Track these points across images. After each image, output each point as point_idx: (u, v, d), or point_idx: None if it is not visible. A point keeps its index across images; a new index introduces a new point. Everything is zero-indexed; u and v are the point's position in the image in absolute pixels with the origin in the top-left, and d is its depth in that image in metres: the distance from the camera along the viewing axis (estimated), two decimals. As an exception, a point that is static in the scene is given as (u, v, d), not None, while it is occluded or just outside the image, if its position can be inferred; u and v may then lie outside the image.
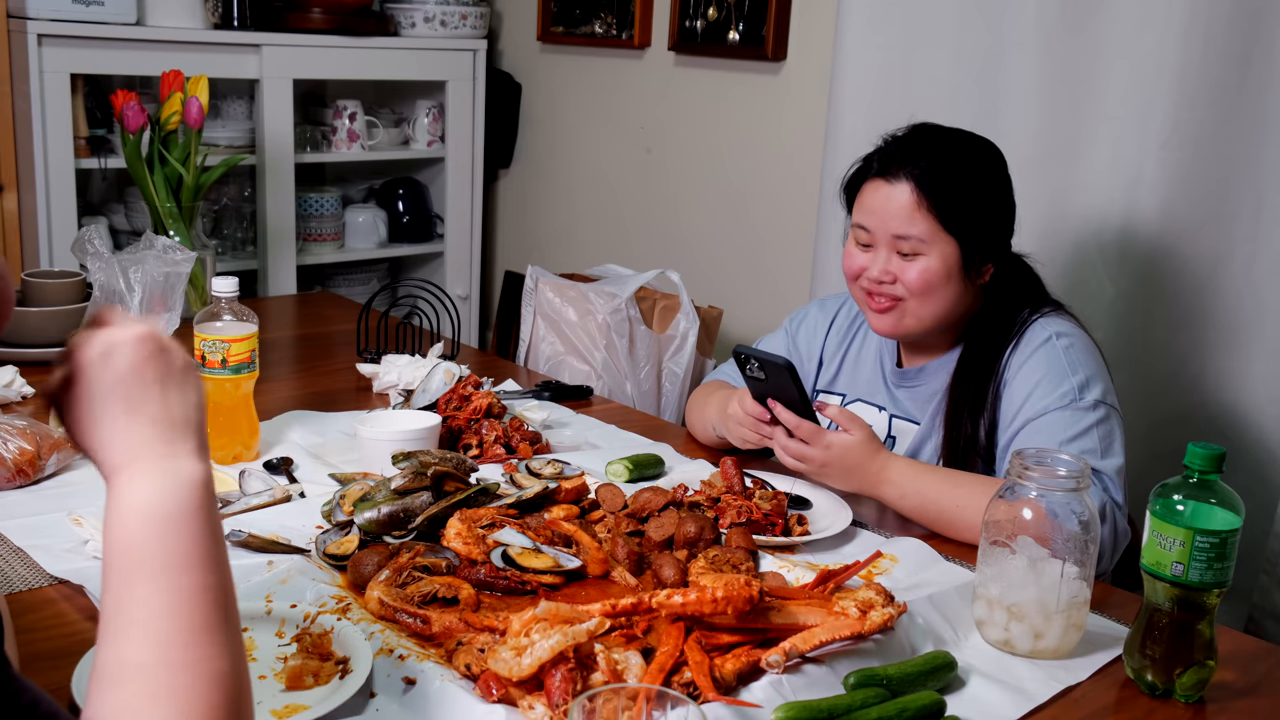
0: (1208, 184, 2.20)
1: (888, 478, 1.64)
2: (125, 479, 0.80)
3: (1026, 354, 1.72)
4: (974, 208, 1.72)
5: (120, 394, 0.81)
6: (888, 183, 1.72)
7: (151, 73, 2.95)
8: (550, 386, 2.21)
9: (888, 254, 1.73)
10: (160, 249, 1.79)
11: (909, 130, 1.78)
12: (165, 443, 0.81)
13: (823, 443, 1.64)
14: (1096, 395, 1.66)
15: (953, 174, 1.71)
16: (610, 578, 1.41)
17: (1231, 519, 1.21)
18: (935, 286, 1.72)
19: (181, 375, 0.85)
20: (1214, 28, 2.13)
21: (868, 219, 1.75)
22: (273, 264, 3.49)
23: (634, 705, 0.98)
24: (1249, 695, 1.28)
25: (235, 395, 1.73)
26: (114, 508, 0.79)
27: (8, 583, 1.36)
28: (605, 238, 3.72)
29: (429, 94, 3.82)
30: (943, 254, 1.71)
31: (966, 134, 1.79)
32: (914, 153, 1.72)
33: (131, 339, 0.83)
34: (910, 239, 1.70)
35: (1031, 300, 1.79)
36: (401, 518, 1.47)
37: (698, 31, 3.26)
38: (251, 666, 1.19)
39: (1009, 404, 1.71)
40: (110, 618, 0.76)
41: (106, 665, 0.74)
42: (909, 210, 1.70)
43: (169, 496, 0.79)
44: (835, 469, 1.65)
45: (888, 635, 1.28)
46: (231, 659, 0.77)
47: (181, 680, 0.74)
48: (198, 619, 0.76)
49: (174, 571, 0.77)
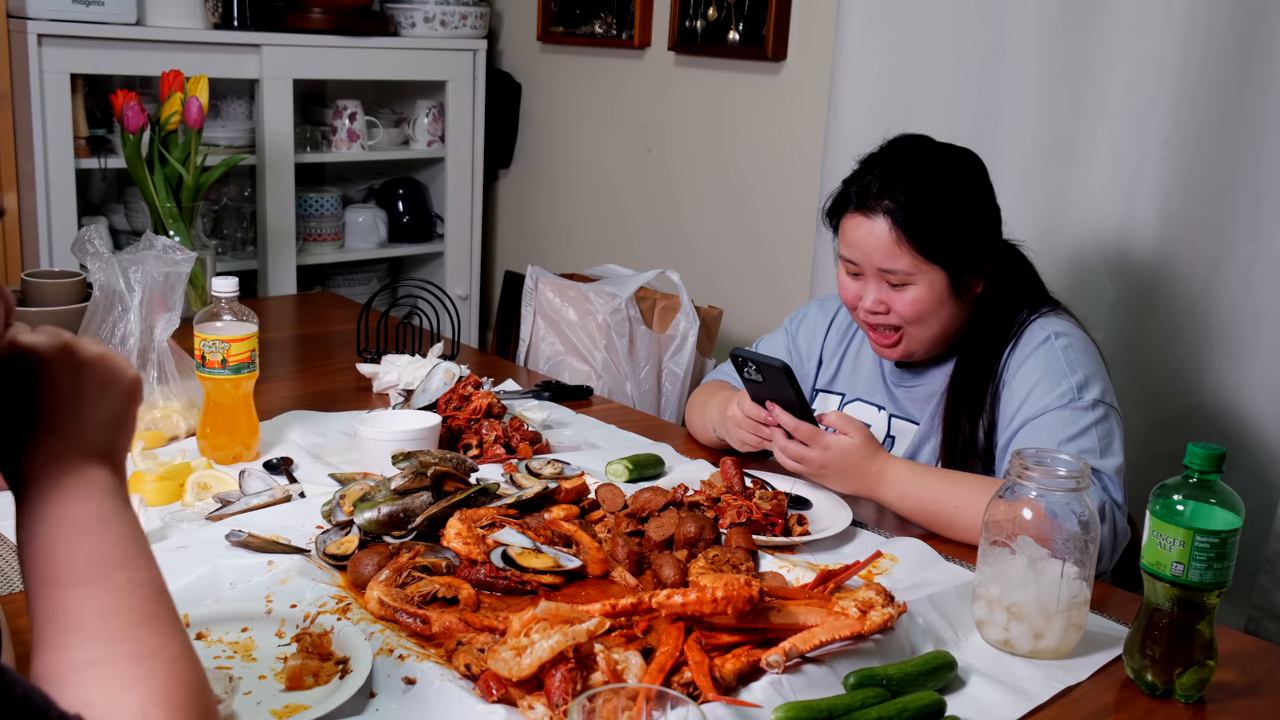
0: (1208, 184, 2.20)
1: (886, 479, 1.64)
2: (36, 490, 0.81)
3: (1025, 354, 1.72)
4: (955, 234, 1.69)
5: (36, 410, 0.82)
6: (866, 218, 1.70)
7: (151, 73, 2.95)
8: (550, 386, 2.21)
9: (877, 284, 1.72)
10: (160, 249, 1.79)
11: (883, 152, 1.75)
12: (77, 455, 0.83)
13: (821, 444, 1.64)
14: (1095, 395, 1.66)
15: (929, 205, 1.68)
16: (610, 578, 1.41)
17: (1231, 519, 1.21)
18: (928, 313, 1.71)
19: (99, 391, 0.85)
20: (1214, 28, 2.13)
21: (852, 252, 1.73)
22: (273, 264, 3.49)
23: (634, 705, 0.98)
24: (1249, 695, 1.28)
25: (235, 395, 1.73)
26: (29, 520, 0.81)
27: (7, 582, 1.36)
28: (605, 238, 3.72)
29: (429, 94, 3.82)
30: (930, 282, 1.70)
31: (942, 150, 1.75)
32: (888, 185, 1.68)
33: (44, 354, 0.83)
34: (896, 272, 1.69)
35: (1029, 297, 1.78)
36: (401, 518, 1.47)
37: (698, 31, 3.26)
38: (251, 666, 1.20)
39: (1008, 404, 1.71)
40: (44, 625, 0.78)
41: (55, 669, 0.76)
42: (889, 246, 1.68)
43: (83, 504, 0.82)
44: (834, 471, 1.65)
45: (888, 635, 1.28)
46: (181, 644, 0.80)
47: (143, 669, 0.77)
48: (139, 613, 0.79)
49: (105, 572, 0.80)
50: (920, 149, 1.75)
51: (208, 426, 1.75)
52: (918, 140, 1.77)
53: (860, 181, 1.73)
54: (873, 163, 1.74)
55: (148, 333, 1.79)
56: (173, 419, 1.81)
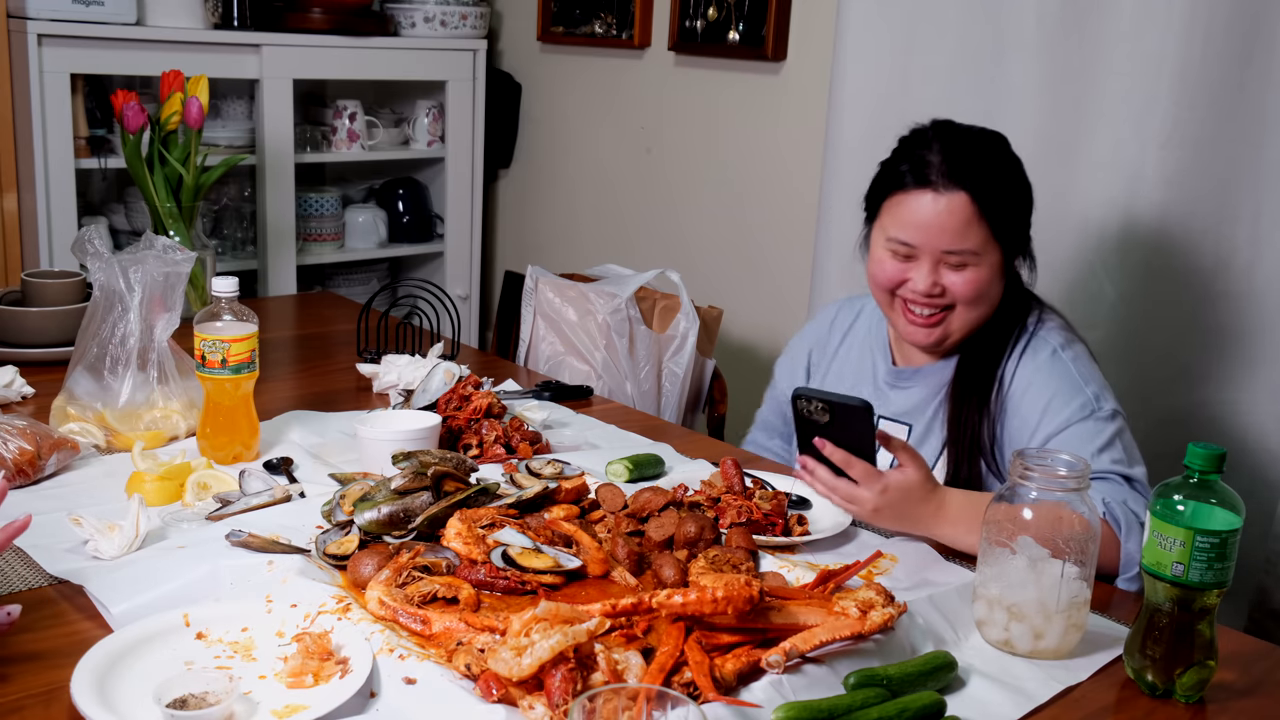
0: (1208, 184, 2.20)
1: (947, 516, 1.53)
2: None
3: (1033, 367, 1.71)
4: (1019, 213, 1.69)
5: None
6: (935, 194, 1.64)
7: (151, 73, 2.95)
8: (550, 386, 2.21)
9: (932, 265, 1.67)
10: (160, 249, 1.79)
11: (936, 133, 1.70)
12: None
13: (878, 485, 1.49)
14: (1111, 404, 1.67)
15: (1003, 181, 1.66)
16: (610, 578, 1.41)
17: (1231, 519, 1.21)
18: (985, 294, 1.69)
19: None
20: (1214, 28, 2.13)
21: (912, 234, 1.67)
22: (273, 264, 3.49)
23: (634, 705, 0.98)
24: (1249, 695, 1.28)
25: (235, 395, 1.73)
26: None
27: (7, 583, 1.36)
28: (605, 238, 3.72)
29: (429, 94, 3.82)
30: (991, 262, 1.68)
31: (990, 132, 1.74)
32: (961, 161, 1.64)
33: None
34: (962, 252, 1.65)
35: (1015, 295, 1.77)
36: (401, 518, 1.47)
37: (698, 31, 3.26)
38: (251, 666, 1.20)
39: (1024, 418, 1.69)
40: None
41: None
42: (964, 224, 1.64)
43: None
44: (888, 512, 1.51)
45: (888, 635, 1.28)
46: None
47: None
48: None
49: None
50: (975, 130, 1.72)
51: (208, 426, 1.75)
52: (953, 123, 1.73)
53: (914, 159, 1.67)
54: (921, 141, 1.69)
55: (148, 333, 1.79)
56: (173, 419, 1.81)
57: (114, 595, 1.30)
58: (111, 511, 1.48)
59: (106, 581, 1.33)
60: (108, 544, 1.41)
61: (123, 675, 1.16)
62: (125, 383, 1.78)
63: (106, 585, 1.32)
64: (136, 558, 1.40)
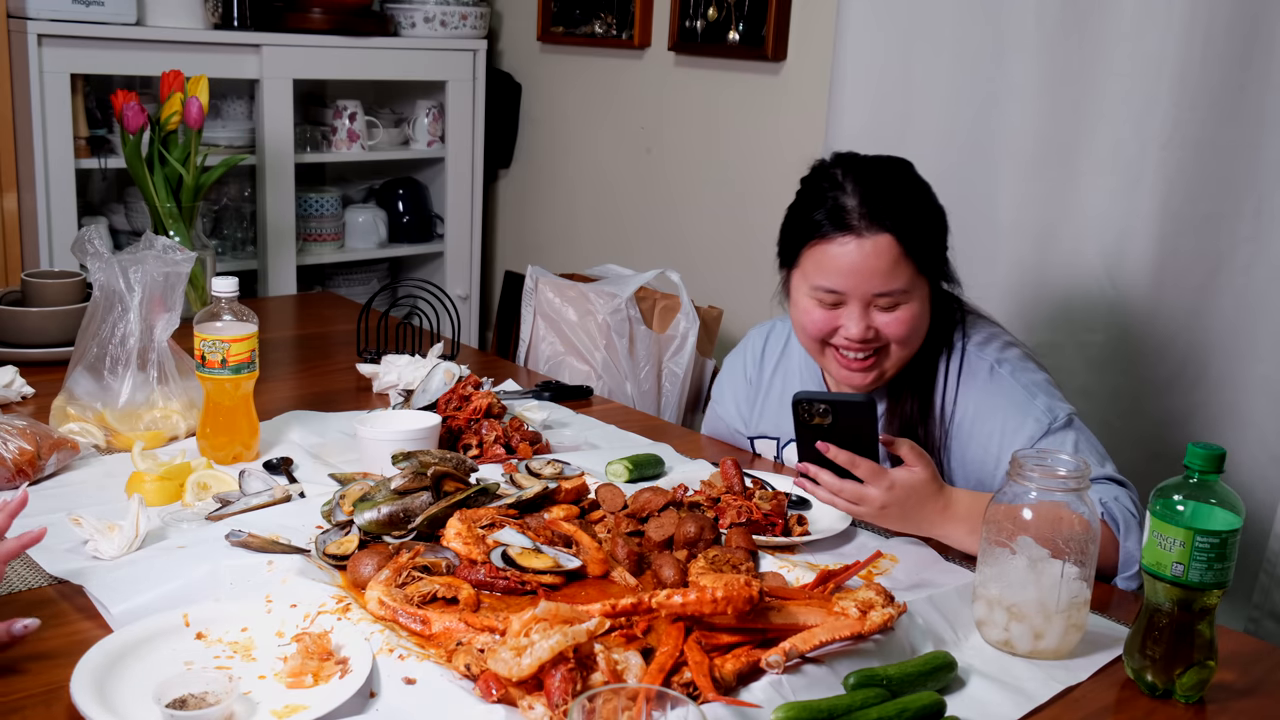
0: (1208, 184, 2.20)
1: (953, 515, 1.51)
2: None
3: (975, 392, 1.68)
4: (939, 238, 1.66)
5: None
6: (860, 239, 1.59)
7: (151, 73, 2.95)
8: (550, 386, 2.21)
9: (862, 310, 1.62)
10: (160, 249, 1.79)
11: (846, 171, 1.64)
12: None
13: (885, 483, 1.47)
14: (1064, 409, 1.65)
15: (921, 216, 1.63)
16: (610, 578, 1.41)
17: (1231, 519, 1.21)
18: (918, 329, 1.66)
19: None
20: (1214, 28, 2.13)
21: (839, 281, 1.61)
22: (273, 264, 3.49)
23: (634, 705, 0.98)
24: (1249, 695, 1.28)
25: (235, 395, 1.73)
26: None
27: (7, 583, 1.36)
28: (605, 238, 3.72)
29: (429, 94, 3.82)
30: (921, 296, 1.64)
31: (896, 160, 1.69)
32: (877, 202, 1.59)
33: None
34: (892, 293, 1.61)
35: (937, 315, 1.70)
36: (401, 518, 1.47)
37: (698, 31, 3.26)
38: (251, 666, 1.20)
39: (982, 448, 1.66)
40: None
41: None
42: (891, 265, 1.59)
43: None
44: (895, 511, 1.49)
45: (888, 635, 1.28)
46: None
47: None
48: None
49: None
50: (881, 161, 1.68)
51: (208, 426, 1.75)
52: (857, 156, 1.69)
53: (829, 204, 1.62)
54: (832, 183, 1.64)
55: (148, 333, 1.79)
56: (173, 419, 1.81)
57: (114, 595, 1.30)
58: (111, 511, 1.49)
59: (106, 581, 1.33)
60: (108, 544, 1.41)
61: (122, 675, 1.16)
62: (125, 383, 1.78)
63: (106, 585, 1.33)
64: (136, 558, 1.41)
